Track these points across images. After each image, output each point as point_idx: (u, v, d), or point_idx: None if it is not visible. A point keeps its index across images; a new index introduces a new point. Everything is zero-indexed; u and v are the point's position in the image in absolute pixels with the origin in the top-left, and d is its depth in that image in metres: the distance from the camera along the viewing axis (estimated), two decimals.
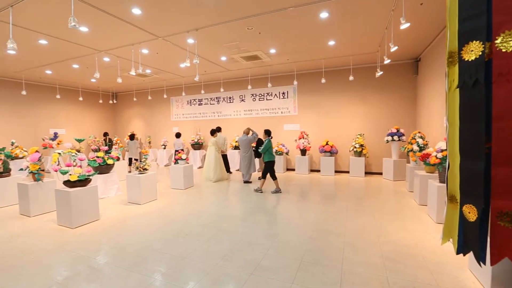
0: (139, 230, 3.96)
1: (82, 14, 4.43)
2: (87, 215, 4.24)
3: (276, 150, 8.87)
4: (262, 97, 9.81)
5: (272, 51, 6.76)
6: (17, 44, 4.19)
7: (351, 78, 7.41)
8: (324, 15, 4.74)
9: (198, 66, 8.00)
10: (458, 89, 1.66)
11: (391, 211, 4.65)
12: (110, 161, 5.91)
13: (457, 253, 1.77)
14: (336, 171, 8.52)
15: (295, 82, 8.19)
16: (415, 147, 5.74)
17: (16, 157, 7.89)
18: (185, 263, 2.93)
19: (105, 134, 9.95)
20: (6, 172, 5.43)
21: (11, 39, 4.07)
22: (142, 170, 5.47)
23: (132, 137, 9.84)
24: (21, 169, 4.92)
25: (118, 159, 6.58)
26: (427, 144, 5.77)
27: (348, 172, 8.42)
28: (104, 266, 2.91)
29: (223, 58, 7.37)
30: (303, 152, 8.66)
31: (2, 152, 5.59)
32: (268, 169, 6.14)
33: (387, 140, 7.23)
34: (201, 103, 11.03)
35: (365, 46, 6.52)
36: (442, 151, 4.08)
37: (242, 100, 10.17)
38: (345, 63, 7.99)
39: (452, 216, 1.82)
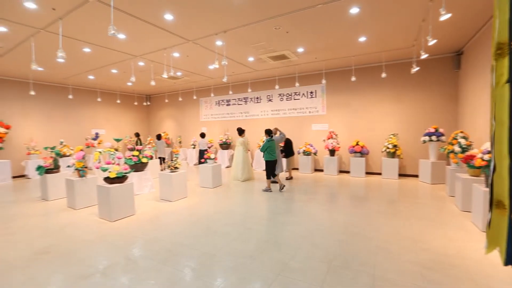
0: (171, 226, 4.14)
1: (120, 22, 4.75)
2: (124, 210, 4.53)
3: (304, 150, 8.74)
4: (290, 96, 9.72)
5: (300, 50, 6.68)
6: (65, 53, 4.60)
7: (383, 75, 7.06)
8: (354, 10, 4.57)
9: (226, 67, 8.16)
10: (507, 84, 1.51)
11: (429, 216, 4.35)
12: (144, 160, 6.26)
13: (505, 264, 1.60)
14: (367, 173, 8.16)
15: (324, 81, 8.00)
16: (457, 148, 5.30)
17: (64, 155, 8.67)
18: (213, 260, 3.00)
19: (137, 135, 10.55)
20: (56, 168, 6.00)
21: (61, 48, 4.50)
22: (173, 168, 5.71)
23: (159, 137, 10.36)
24: (68, 166, 5.41)
25: (151, 157, 6.95)
26: (470, 145, 5.31)
27: (380, 173, 8.03)
28: (139, 258, 3.09)
29: (251, 59, 7.43)
30: (332, 152, 8.43)
31: (53, 150, 6.18)
32: (267, 168, 6.38)
33: (424, 141, 6.78)
34: (229, 104, 11.23)
35: (399, 41, 6.17)
36: (489, 152, 3.72)
37: (270, 100, 10.17)
38: (377, 59, 7.63)
39: (498, 224, 1.65)
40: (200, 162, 10.17)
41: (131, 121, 13.36)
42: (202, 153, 10.12)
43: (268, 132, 6.46)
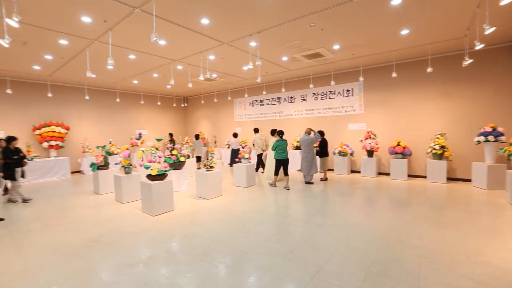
0: (207, 222, 4.29)
1: (161, 29, 5.05)
2: (164, 206, 4.82)
3: (340, 151, 8.44)
4: (325, 95, 9.45)
5: (336, 47, 6.45)
6: (114, 61, 5.04)
7: (429, 69, 6.50)
8: (395, 1, 4.28)
9: (260, 68, 8.21)
10: None
11: (485, 226, 3.90)
12: (182, 159, 6.58)
13: None
14: (409, 175, 7.59)
15: (361, 78, 7.63)
16: None
17: (113, 154, 9.49)
18: (247, 258, 3.04)
19: (170, 135, 11.06)
20: (105, 165, 6.60)
21: (110, 56, 4.93)
22: (209, 167, 5.91)
23: (197, 137, 10.82)
24: (116, 163, 5.91)
25: (188, 156, 7.28)
26: None
27: (424, 177, 7.41)
28: (178, 252, 3.26)
29: (284, 58, 7.38)
30: (370, 153, 8.00)
31: (103, 149, 6.81)
32: (276, 165, 6.86)
33: (478, 141, 6.09)
34: (263, 104, 11.29)
35: (448, 31, 5.63)
36: None
37: (304, 99, 10.00)
38: (422, 53, 7.05)
39: None
40: (232, 162, 10.39)
41: (170, 122, 14.14)
42: (234, 152, 10.33)
43: (280, 133, 6.91)
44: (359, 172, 8.50)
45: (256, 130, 9.23)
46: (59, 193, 6.62)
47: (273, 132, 7.98)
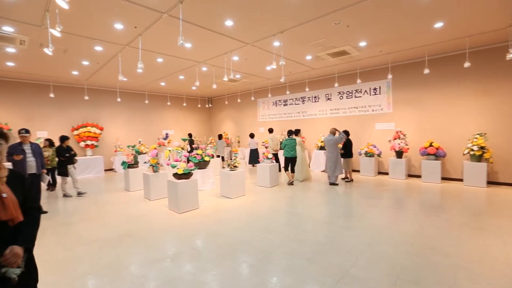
0: (230, 221, 4.35)
1: (187, 33, 5.21)
2: (189, 204, 4.96)
3: (366, 152, 8.13)
4: (350, 94, 9.17)
5: (362, 44, 6.23)
6: (143, 64, 5.29)
7: (467, 64, 6.03)
8: None
9: (284, 67, 8.17)
10: None
11: None
12: (207, 158, 6.73)
13: None
14: (443, 178, 7.11)
15: (390, 76, 7.28)
16: None
17: (142, 153, 9.97)
18: (270, 258, 3.04)
19: (189, 135, 11.28)
20: (135, 164, 6.95)
21: (140, 60, 5.19)
22: (233, 167, 5.99)
23: (219, 136, 11.04)
24: (145, 162, 6.19)
25: (213, 156, 7.43)
26: None
27: (461, 180, 6.90)
28: (203, 249, 3.34)
29: (308, 57, 7.27)
30: (399, 154, 7.62)
31: (133, 148, 7.17)
32: (284, 162, 7.26)
33: None
34: (286, 104, 11.21)
35: (489, 22, 5.19)
36: None
37: (328, 98, 9.78)
38: (459, 47, 6.57)
39: None
40: (251, 161, 10.42)
41: (195, 122, 14.54)
42: (253, 152, 10.37)
43: (289, 133, 7.48)
44: (387, 173, 8.13)
45: (271, 131, 9.23)
46: (94, 190, 7.09)
47: (296, 132, 7.90)
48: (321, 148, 9.41)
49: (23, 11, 4.24)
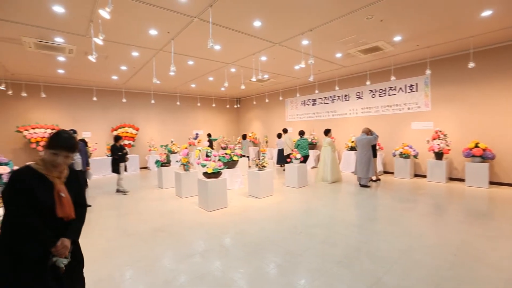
0: (258, 221, 4.37)
1: (216, 35, 5.33)
2: (218, 202, 5.08)
3: (401, 152, 7.67)
4: (383, 92, 8.71)
5: (397, 38, 5.89)
6: (176, 67, 5.52)
7: None
8: None
9: (312, 66, 8.01)
10: None
11: None
12: (235, 158, 6.84)
13: None
14: (491, 183, 6.45)
15: (428, 72, 6.77)
16: None
17: (174, 152, 10.42)
18: (299, 259, 3.00)
19: (209, 135, 11.42)
20: (168, 163, 7.28)
21: (172, 63, 5.42)
22: (261, 167, 6.01)
23: (244, 136, 11.12)
24: (177, 161, 6.46)
25: (241, 156, 7.53)
26: None
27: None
28: (231, 247, 3.40)
29: (338, 55, 7.05)
30: (439, 155, 7.07)
31: (166, 148, 7.52)
32: (279, 158, 8.04)
33: None
34: (315, 103, 10.98)
35: None
36: None
37: (359, 97, 9.39)
38: (509, 36, 5.93)
39: None
40: (278, 161, 10.32)
41: (224, 122, 14.84)
42: (280, 153, 10.28)
43: (301, 133, 8.15)
44: (424, 176, 7.59)
45: (285, 131, 9.61)
46: (130, 186, 7.56)
47: (326, 131, 7.70)
48: (352, 148, 9.07)
49: (71, 23, 4.66)
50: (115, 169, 6.49)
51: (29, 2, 3.93)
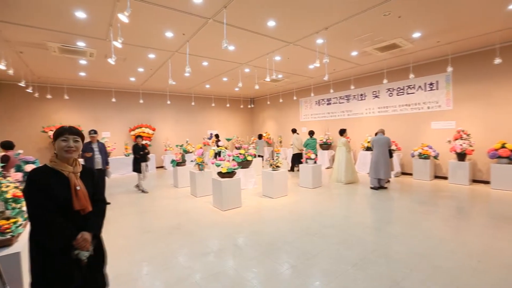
0: (272, 221, 4.36)
1: (230, 35, 5.37)
2: (232, 202, 5.11)
3: (420, 153, 7.40)
4: (401, 91, 8.44)
5: (416, 35, 5.68)
6: (190, 68, 5.61)
7: None
8: None
9: (327, 65, 7.88)
10: None
11: None
12: (249, 158, 6.86)
13: None
14: None
15: (450, 69, 6.49)
16: None
17: (188, 152, 10.60)
18: (313, 261, 2.97)
19: (216, 136, 11.44)
20: (183, 162, 7.41)
21: (188, 65, 5.52)
22: (275, 167, 5.99)
23: (260, 136, 11.11)
24: (192, 161, 6.56)
25: (255, 156, 7.54)
26: None
27: None
28: (245, 246, 3.41)
29: (354, 53, 6.91)
30: (461, 156, 6.76)
31: (181, 147, 7.66)
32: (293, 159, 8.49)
33: None
34: (330, 103, 10.82)
35: None
36: None
37: (376, 96, 9.15)
38: None
39: None
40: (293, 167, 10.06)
41: (238, 122, 14.93)
42: (294, 157, 10.15)
43: (310, 133, 8.39)
44: (445, 178, 7.29)
45: (294, 131, 9.67)
46: (147, 185, 7.75)
47: (341, 131, 7.54)
48: (368, 149, 8.86)
49: (92, 27, 4.85)
50: (136, 168, 6.64)
51: (54, 8, 4.13)
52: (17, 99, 8.89)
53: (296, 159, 9.41)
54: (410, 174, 7.97)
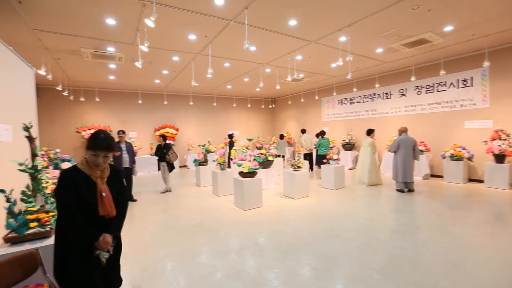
0: (293, 222, 4.33)
1: (252, 36, 5.40)
2: (254, 201, 5.14)
3: (452, 154, 6.96)
4: (431, 88, 7.99)
5: (448, 28, 5.35)
6: (212, 69, 5.71)
7: None
8: None
9: (351, 63, 7.68)
10: None
11: None
12: (270, 158, 6.85)
13: None
14: None
15: (486, 63, 6.04)
16: None
17: (210, 152, 10.81)
18: (335, 264, 2.90)
19: (230, 136, 11.45)
20: (205, 162, 7.57)
21: (210, 66, 5.63)
22: (296, 167, 5.94)
23: (281, 136, 11.03)
24: (214, 161, 6.69)
25: (279, 156, 7.53)
26: None
27: None
28: (266, 246, 3.42)
29: (379, 50, 6.65)
30: (500, 158, 6.26)
31: (203, 147, 7.83)
32: (317, 160, 8.17)
33: None
34: (353, 102, 10.51)
35: None
36: None
37: (403, 94, 8.75)
38: None
39: None
40: (316, 163, 9.93)
41: (259, 123, 14.97)
42: (318, 157, 9.95)
43: (322, 133, 8.47)
44: (481, 181, 6.79)
45: (303, 131, 9.72)
46: (171, 184, 8.02)
47: (369, 131, 7.28)
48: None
49: (121, 33, 5.11)
50: (158, 167, 6.86)
51: (87, 17, 4.41)
52: (55, 102, 9.59)
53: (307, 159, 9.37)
54: (441, 177, 7.53)
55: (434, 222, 4.16)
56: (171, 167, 6.71)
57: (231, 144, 10.13)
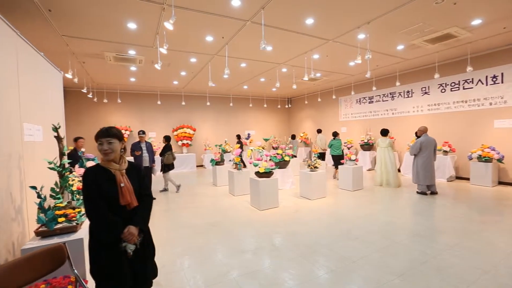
0: (310, 223, 4.27)
1: (268, 36, 5.39)
2: (270, 202, 5.13)
3: (480, 155, 6.58)
4: (456, 86, 7.60)
5: (476, 22, 5.07)
6: (229, 70, 5.76)
7: None
8: None
9: (369, 61, 7.47)
10: None
11: None
12: (287, 158, 6.81)
13: None
14: None
15: None
16: None
17: (227, 151, 10.91)
18: (354, 267, 2.83)
19: (238, 137, 11.36)
20: (221, 161, 7.65)
21: (226, 67, 5.68)
22: (313, 168, 5.86)
23: (293, 136, 10.93)
24: (230, 160, 6.74)
25: (293, 156, 7.47)
26: None
27: None
28: (282, 247, 3.39)
29: (400, 47, 6.41)
30: None
31: (220, 147, 7.92)
32: (333, 159, 8.23)
33: None
34: (372, 101, 10.21)
35: None
36: None
37: (426, 92, 8.38)
38: None
39: None
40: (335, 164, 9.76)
41: (275, 123, 14.93)
42: (335, 158, 9.76)
43: (334, 134, 8.20)
44: None
45: (319, 131, 9.91)
46: (188, 183, 8.19)
47: (384, 132, 7.06)
48: None
49: (141, 36, 5.28)
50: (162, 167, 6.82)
51: (110, 22, 4.60)
52: (80, 104, 10.08)
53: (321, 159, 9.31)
54: (467, 179, 7.14)
55: (460, 226, 3.95)
56: (166, 168, 6.75)
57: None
